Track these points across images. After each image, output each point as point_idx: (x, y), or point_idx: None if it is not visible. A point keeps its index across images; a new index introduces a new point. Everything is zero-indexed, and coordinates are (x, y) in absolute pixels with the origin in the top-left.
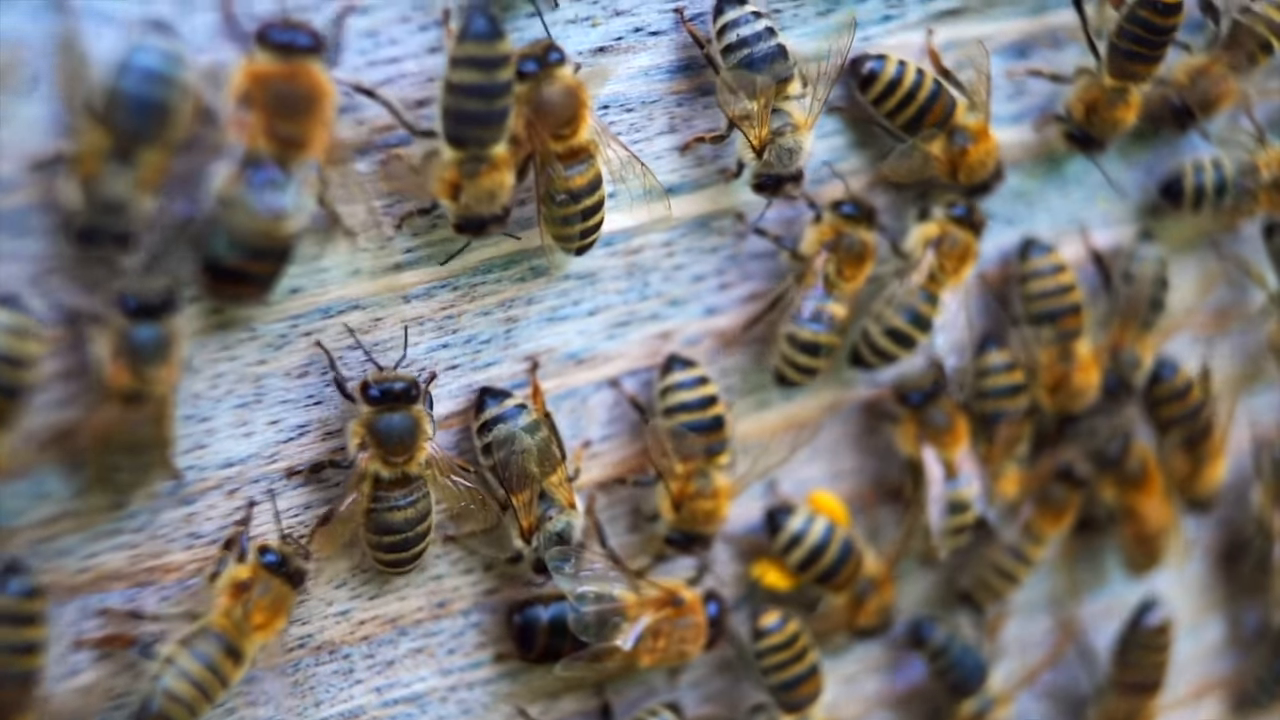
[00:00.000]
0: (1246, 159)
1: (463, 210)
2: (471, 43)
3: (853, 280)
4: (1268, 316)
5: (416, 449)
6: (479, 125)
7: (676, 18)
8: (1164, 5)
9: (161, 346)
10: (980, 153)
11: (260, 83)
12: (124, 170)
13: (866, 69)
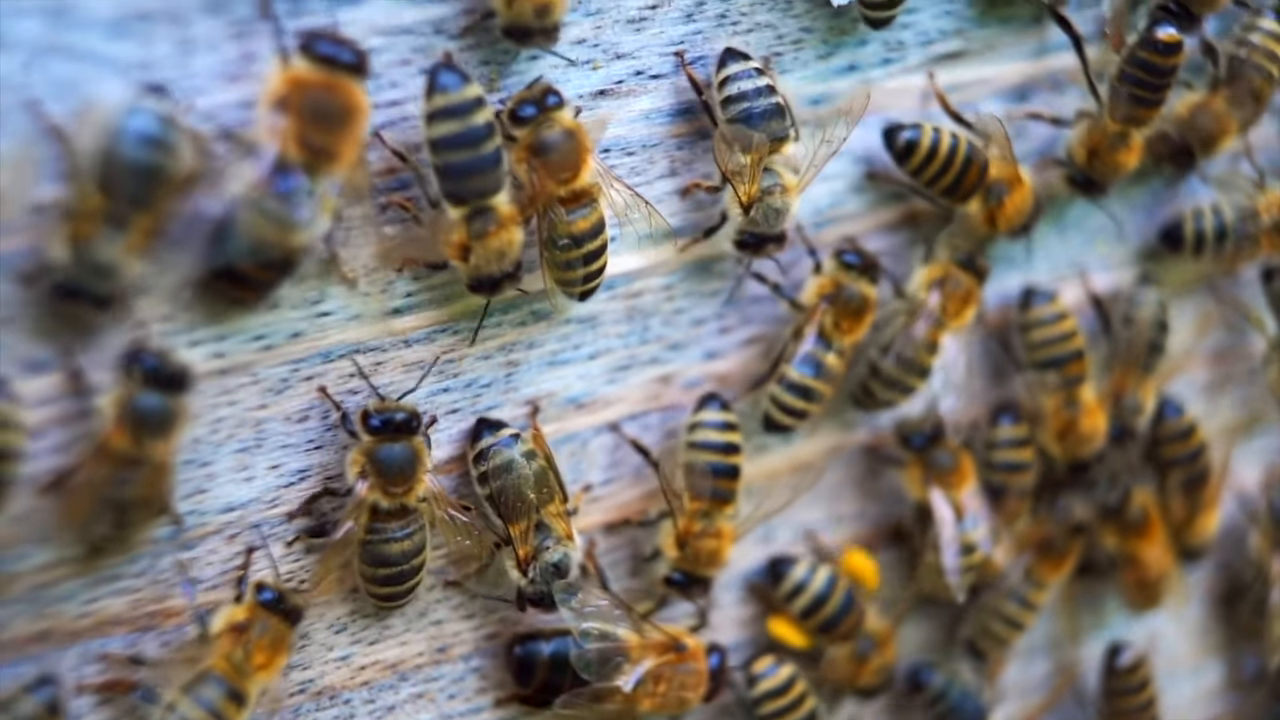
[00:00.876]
0: (1246, 204)
1: (474, 271)
2: (439, 95)
3: (850, 334)
4: (1268, 363)
5: (416, 480)
6: (471, 176)
7: (677, 61)
8: (1164, 45)
9: (166, 420)
10: (1017, 201)
11: (298, 89)
12: (116, 235)
13: (903, 140)
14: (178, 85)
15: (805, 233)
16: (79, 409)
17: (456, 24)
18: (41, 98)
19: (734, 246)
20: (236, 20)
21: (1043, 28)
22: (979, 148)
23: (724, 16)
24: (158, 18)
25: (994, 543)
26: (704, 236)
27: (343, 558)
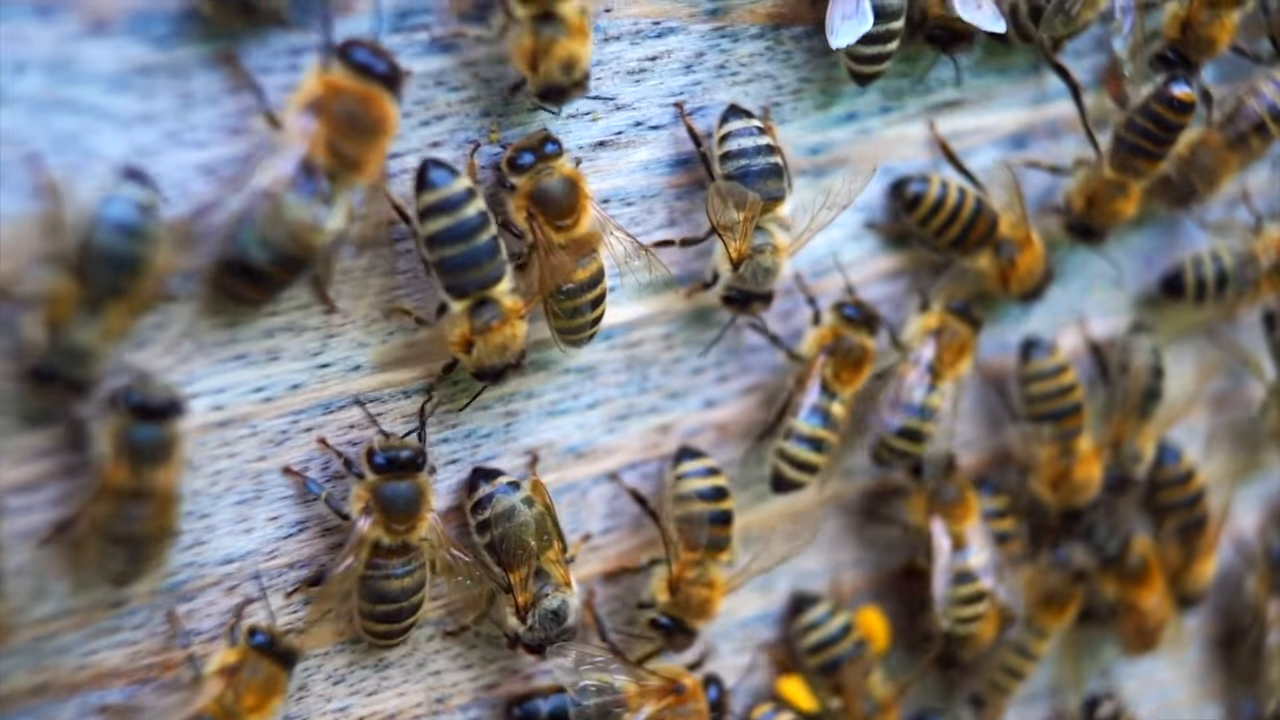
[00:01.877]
0: (1244, 248)
1: (477, 363)
2: (429, 191)
3: (850, 385)
4: (1267, 408)
5: (419, 518)
6: (468, 268)
7: (676, 112)
8: (1179, 103)
9: (162, 448)
10: (1029, 261)
11: (333, 94)
12: (92, 321)
13: (911, 192)
14: (178, 138)
15: (804, 281)
16: (76, 461)
17: (458, 77)
18: (43, 152)
19: (721, 302)
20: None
21: (1040, 76)
22: (987, 201)
23: (723, 67)
24: (158, 71)
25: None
26: (703, 288)
27: (342, 591)
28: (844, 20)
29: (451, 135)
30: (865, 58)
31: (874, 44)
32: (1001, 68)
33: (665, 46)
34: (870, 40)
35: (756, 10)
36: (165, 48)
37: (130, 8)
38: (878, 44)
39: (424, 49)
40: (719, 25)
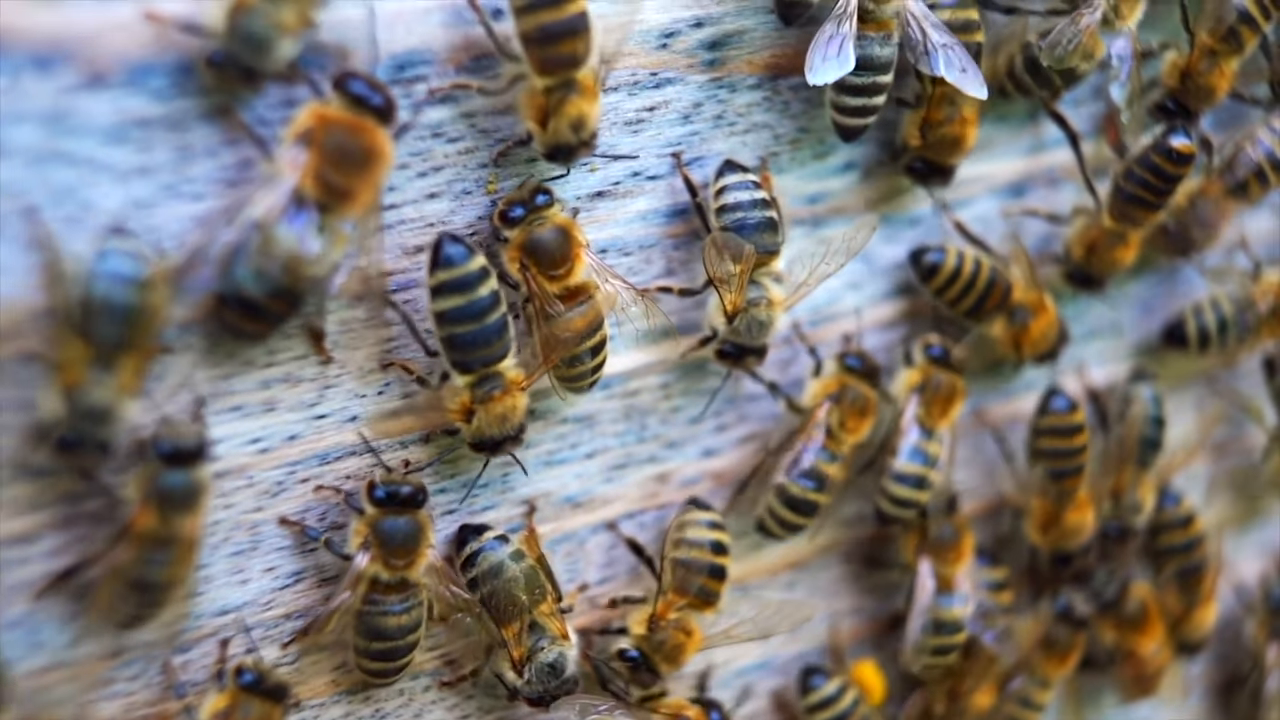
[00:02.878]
0: (1242, 294)
1: (476, 433)
2: (443, 269)
3: (855, 433)
4: (1268, 455)
5: (418, 554)
6: (477, 347)
7: (674, 163)
8: (1178, 154)
9: (192, 494)
10: (1042, 325)
11: (324, 125)
12: (106, 377)
13: (927, 262)
14: (176, 190)
15: (802, 330)
16: (70, 513)
17: (455, 129)
18: (40, 204)
19: (715, 356)
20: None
21: (1038, 124)
22: (1002, 271)
23: (721, 118)
24: (156, 124)
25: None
26: (699, 345)
27: (336, 624)
28: (824, 61)
29: (449, 186)
30: (850, 109)
31: (859, 95)
32: (1000, 116)
33: (663, 97)
34: (855, 91)
35: (754, 61)
36: (163, 100)
37: (128, 61)
38: (863, 96)
39: (422, 101)
40: (716, 76)
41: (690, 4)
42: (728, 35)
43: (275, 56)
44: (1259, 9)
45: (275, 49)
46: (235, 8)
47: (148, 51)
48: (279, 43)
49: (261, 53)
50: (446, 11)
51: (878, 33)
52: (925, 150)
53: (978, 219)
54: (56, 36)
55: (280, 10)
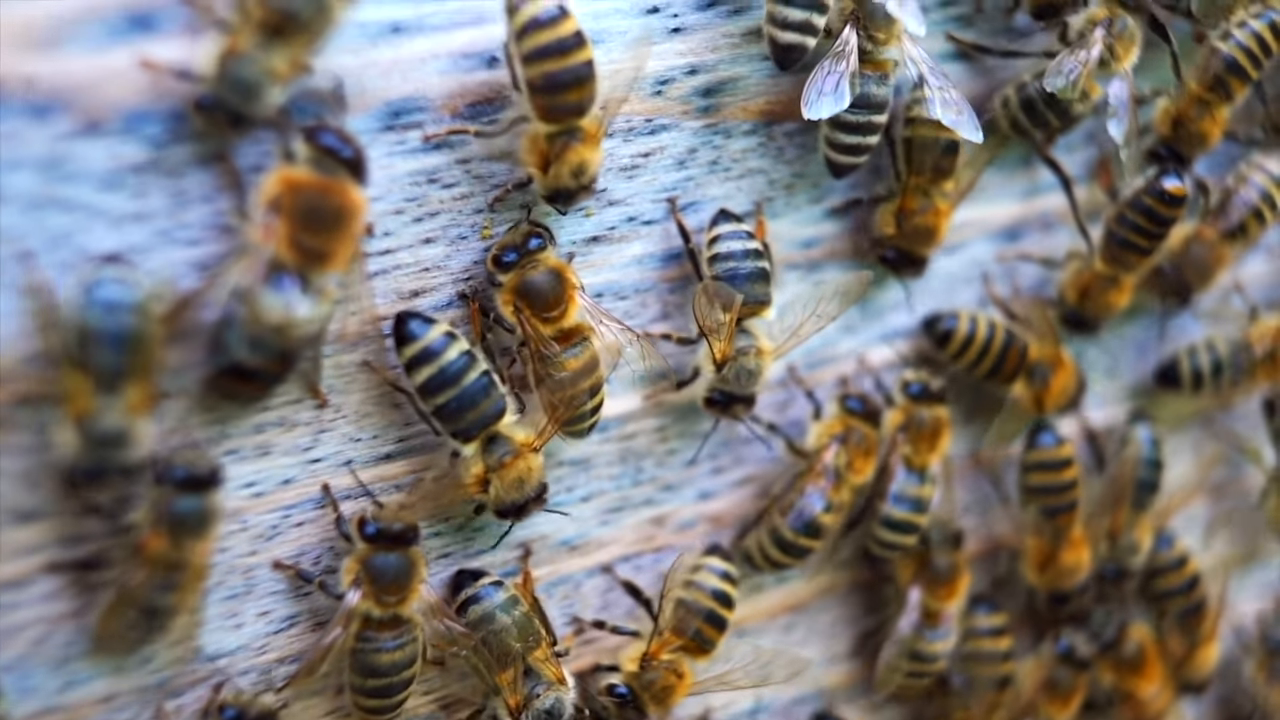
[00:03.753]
0: (1238, 336)
1: (497, 501)
2: (408, 345)
3: (860, 473)
4: (1267, 495)
5: (410, 591)
6: (465, 410)
7: (668, 207)
8: (1170, 197)
9: (204, 520)
10: (1062, 380)
11: (291, 191)
12: (115, 401)
13: (941, 329)
14: (170, 236)
15: (798, 374)
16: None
17: (450, 174)
18: (35, 250)
19: (703, 404)
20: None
21: (1032, 169)
22: (1017, 332)
23: (715, 163)
24: (151, 170)
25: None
26: (676, 388)
27: (329, 662)
28: (820, 96)
29: (444, 231)
30: (844, 146)
31: (853, 133)
32: (994, 162)
33: (658, 143)
34: (850, 129)
35: (749, 107)
36: (158, 146)
37: (124, 108)
38: (857, 134)
39: (417, 147)
40: (711, 122)
41: (685, 51)
42: (722, 82)
43: (264, 103)
44: (1248, 59)
45: (264, 95)
46: (226, 53)
47: (143, 99)
48: (268, 89)
49: (251, 99)
50: (442, 59)
51: (875, 72)
52: (899, 240)
53: (972, 263)
54: (53, 84)
55: (271, 57)
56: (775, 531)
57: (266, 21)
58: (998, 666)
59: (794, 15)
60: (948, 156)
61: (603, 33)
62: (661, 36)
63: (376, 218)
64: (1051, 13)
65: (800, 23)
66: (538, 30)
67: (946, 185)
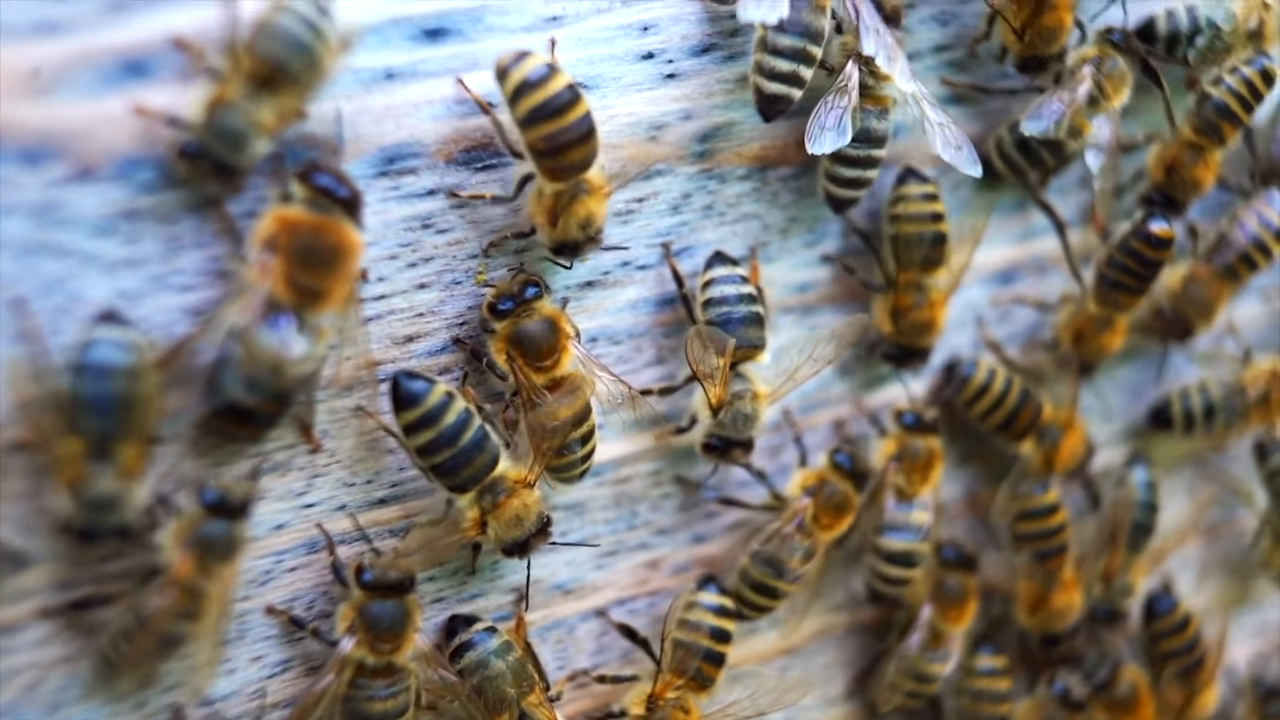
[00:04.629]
0: (1232, 379)
1: (499, 542)
2: (408, 410)
3: (830, 529)
4: (1259, 537)
5: (405, 639)
6: (462, 468)
7: (663, 252)
8: (1157, 239)
9: (232, 545)
10: (1073, 443)
11: (287, 230)
12: (105, 466)
13: (958, 375)
14: (164, 282)
15: (793, 417)
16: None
17: (445, 220)
18: (29, 295)
19: (700, 449)
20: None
21: (1026, 213)
22: (1033, 390)
23: (710, 208)
24: (144, 216)
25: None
26: (674, 434)
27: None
28: (823, 130)
29: (439, 276)
30: (843, 180)
31: (853, 167)
32: (988, 206)
33: (653, 188)
34: (850, 163)
35: (743, 152)
36: (151, 193)
37: (117, 154)
38: (857, 168)
39: (411, 192)
40: (706, 167)
41: (679, 97)
42: (716, 127)
43: (249, 153)
44: (1239, 104)
45: (250, 146)
46: (215, 102)
47: (136, 145)
48: (255, 140)
49: (236, 149)
50: (436, 105)
51: (875, 107)
52: (899, 336)
53: (967, 306)
54: (46, 131)
55: (259, 108)
56: (745, 573)
57: (256, 72)
58: (997, 707)
59: (781, 66)
60: (935, 248)
61: (598, 78)
62: (656, 82)
63: (371, 263)
64: (1036, 65)
65: (787, 74)
66: (530, 92)
67: (938, 275)
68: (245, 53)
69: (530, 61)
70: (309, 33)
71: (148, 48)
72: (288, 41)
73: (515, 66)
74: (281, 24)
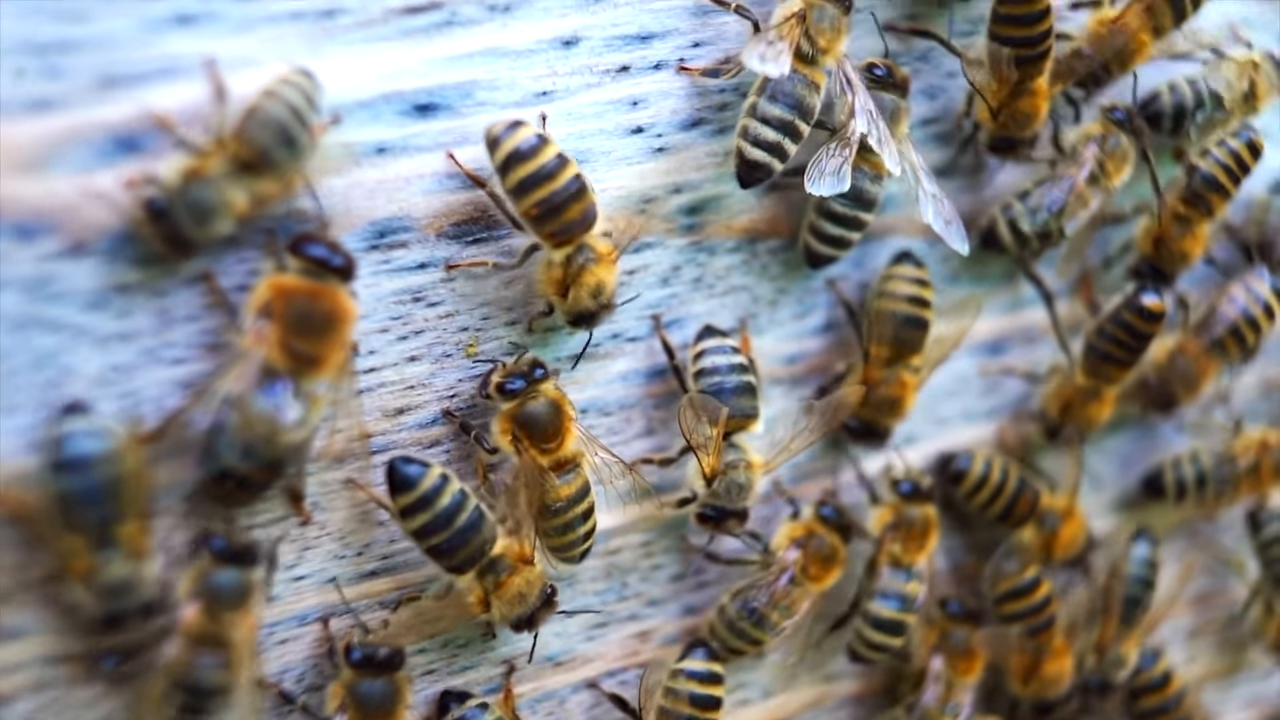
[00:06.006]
0: (1222, 449)
1: (504, 618)
2: (403, 494)
3: (819, 581)
4: (1250, 607)
5: (395, 717)
6: (458, 550)
7: (653, 324)
8: (1149, 313)
9: (242, 593)
10: (1072, 531)
11: (283, 297)
12: (111, 552)
13: (955, 468)
14: (156, 355)
15: (783, 486)
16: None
17: (435, 293)
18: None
19: (695, 520)
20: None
21: (1015, 284)
22: (1030, 479)
23: (699, 280)
24: (137, 290)
25: None
26: (678, 504)
27: None
28: (823, 174)
29: (429, 349)
30: (826, 236)
31: (838, 225)
32: (977, 276)
33: (643, 261)
34: (837, 220)
35: (733, 225)
36: (143, 266)
37: (109, 229)
38: (842, 226)
39: (402, 265)
40: (696, 240)
41: (669, 170)
42: (706, 200)
43: (210, 231)
44: (1227, 176)
45: (214, 224)
46: (193, 172)
47: (128, 220)
48: (220, 220)
49: (199, 223)
50: (427, 180)
51: (871, 170)
52: (862, 410)
53: (955, 377)
54: (39, 206)
55: (234, 189)
56: (723, 611)
57: (239, 155)
58: None
59: (767, 134)
60: (912, 330)
61: (588, 153)
62: (646, 156)
63: (361, 336)
64: (1007, 147)
65: (771, 143)
66: (520, 163)
67: (914, 360)
68: (233, 136)
69: (521, 133)
70: (296, 125)
71: (139, 124)
72: (275, 130)
73: (506, 137)
74: (271, 112)
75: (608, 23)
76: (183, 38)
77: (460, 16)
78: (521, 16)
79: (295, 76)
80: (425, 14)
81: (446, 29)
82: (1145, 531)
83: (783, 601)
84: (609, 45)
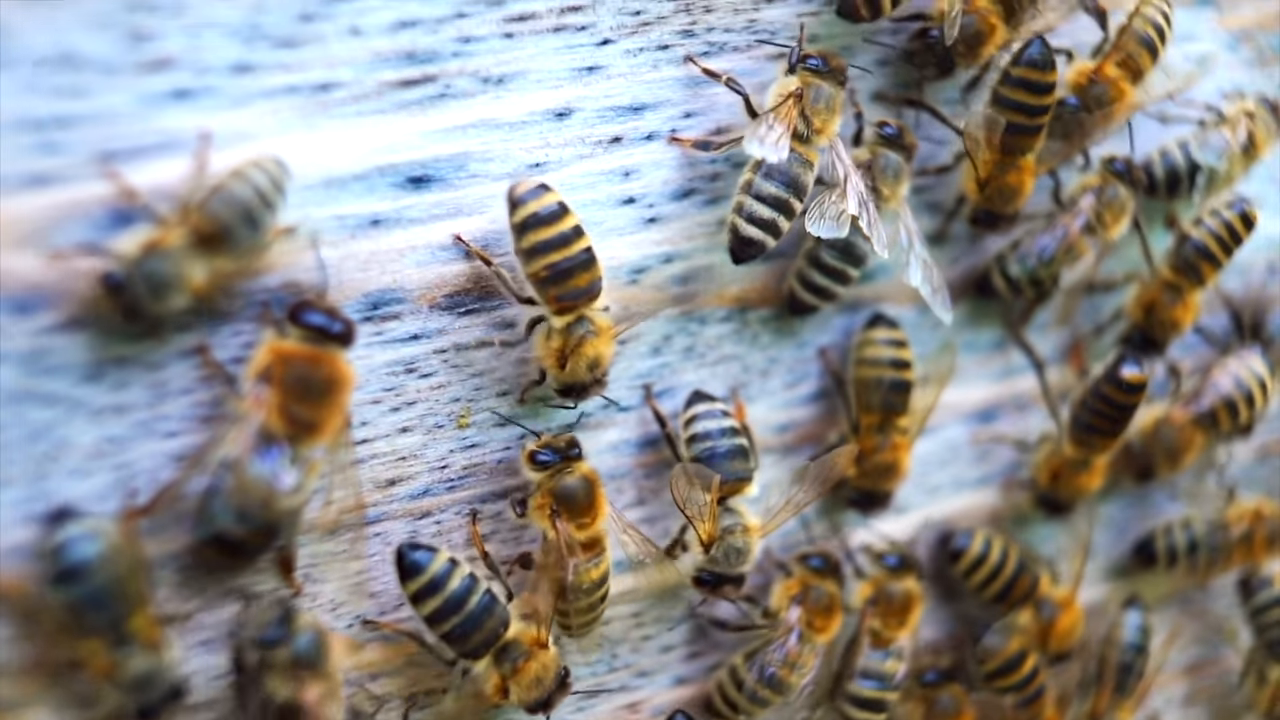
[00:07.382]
0: (1215, 516)
1: (522, 703)
2: (412, 580)
3: (824, 631)
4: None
5: None
6: (471, 634)
7: (644, 394)
8: (1128, 384)
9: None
10: (1068, 621)
11: (282, 361)
12: (129, 648)
13: (954, 547)
14: (150, 428)
15: (775, 556)
16: None
17: (428, 364)
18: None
19: (692, 583)
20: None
21: (1005, 351)
22: (1030, 561)
23: (690, 349)
24: (132, 363)
25: None
26: (665, 555)
27: None
28: (823, 219)
29: (421, 420)
30: (812, 285)
31: (825, 275)
32: (968, 344)
33: (633, 330)
34: (824, 270)
35: (723, 294)
36: (138, 340)
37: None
38: (828, 277)
39: (395, 337)
40: (687, 309)
41: (660, 240)
42: (697, 269)
43: (167, 305)
44: (1218, 245)
45: (170, 298)
46: (152, 245)
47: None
48: (176, 294)
49: (156, 296)
50: (420, 251)
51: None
52: (861, 479)
53: (947, 445)
54: (37, 280)
55: (193, 264)
56: (736, 676)
57: (200, 229)
58: None
59: (762, 212)
60: (896, 394)
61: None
62: (637, 226)
63: (354, 407)
64: (988, 221)
65: (766, 220)
66: (540, 226)
67: (901, 422)
68: (196, 209)
69: (545, 198)
70: (260, 206)
71: (137, 198)
72: (239, 208)
73: (529, 199)
74: (236, 192)
75: (600, 94)
76: (180, 112)
77: (454, 89)
78: (515, 88)
79: (265, 162)
80: (419, 87)
81: (440, 101)
82: (1135, 599)
83: (796, 660)
84: (601, 116)
